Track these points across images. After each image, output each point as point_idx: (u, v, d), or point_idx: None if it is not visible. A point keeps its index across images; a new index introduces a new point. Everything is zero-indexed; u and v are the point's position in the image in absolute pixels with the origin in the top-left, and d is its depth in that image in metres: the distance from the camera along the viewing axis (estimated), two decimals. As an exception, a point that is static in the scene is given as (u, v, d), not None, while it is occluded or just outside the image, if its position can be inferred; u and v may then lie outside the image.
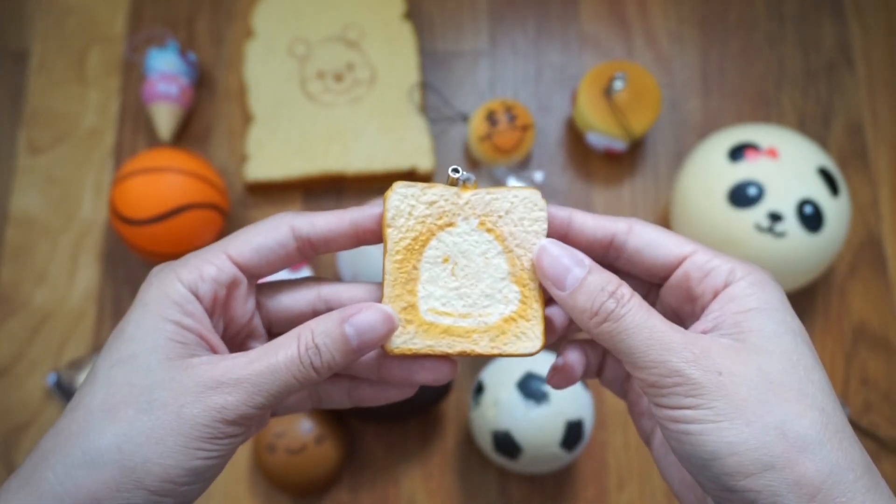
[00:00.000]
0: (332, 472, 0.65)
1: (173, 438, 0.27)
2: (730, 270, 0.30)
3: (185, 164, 0.68)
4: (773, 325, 0.28)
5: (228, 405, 0.28)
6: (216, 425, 0.28)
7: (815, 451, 0.26)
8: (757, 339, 0.28)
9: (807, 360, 0.28)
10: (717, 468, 0.26)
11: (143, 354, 0.28)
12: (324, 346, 0.29)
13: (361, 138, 0.75)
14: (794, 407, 0.26)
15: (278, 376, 0.28)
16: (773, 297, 0.29)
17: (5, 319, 0.72)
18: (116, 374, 0.28)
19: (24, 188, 0.76)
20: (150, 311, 0.29)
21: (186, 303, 0.29)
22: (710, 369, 0.27)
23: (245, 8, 0.81)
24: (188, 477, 0.27)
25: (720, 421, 0.26)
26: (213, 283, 0.30)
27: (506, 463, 0.62)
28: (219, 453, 0.28)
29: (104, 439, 0.27)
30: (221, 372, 0.28)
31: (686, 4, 0.83)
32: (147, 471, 0.27)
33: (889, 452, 0.70)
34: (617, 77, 0.71)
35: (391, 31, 0.79)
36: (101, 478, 0.27)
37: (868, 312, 0.74)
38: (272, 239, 0.32)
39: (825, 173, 0.65)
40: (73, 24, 0.80)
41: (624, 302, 0.29)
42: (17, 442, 0.68)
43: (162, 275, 0.30)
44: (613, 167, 0.78)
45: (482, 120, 0.73)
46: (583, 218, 0.32)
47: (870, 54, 0.82)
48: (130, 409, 0.27)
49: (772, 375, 0.27)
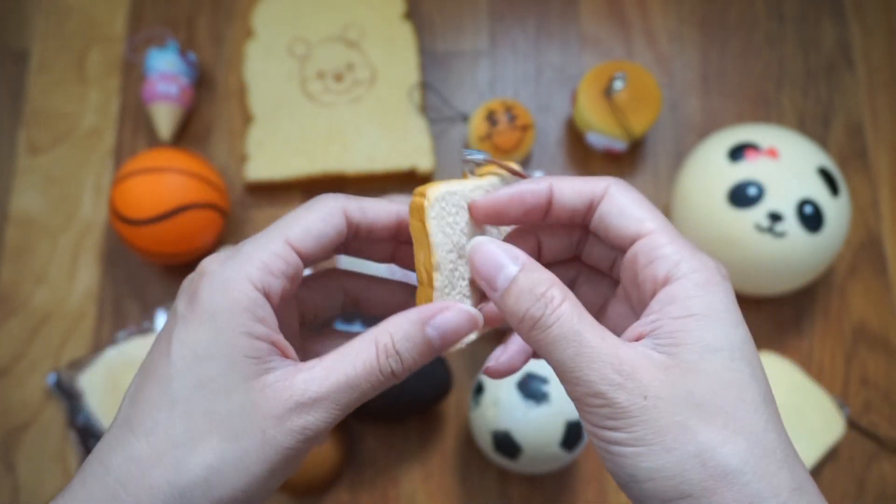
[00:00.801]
0: (332, 472, 0.65)
1: (259, 466, 0.27)
2: (675, 263, 0.28)
3: (185, 164, 0.68)
4: (710, 337, 0.27)
5: (310, 425, 0.27)
6: (298, 446, 0.27)
7: (734, 480, 0.25)
8: (690, 354, 0.26)
9: (741, 377, 0.26)
10: (636, 491, 0.26)
11: (221, 378, 0.27)
12: (406, 352, 0.28)
13: (361, 138, 0.75)
14: (718, 434, 0.25)
15: (357, 388, 0.28)
16: (715, 302, 0.27)
17: (5, 319, 0.72)
18: (197, 400, 0.27)
19: (24, 188, 0.76)
20: (222, 327, 0.27)
21: (257, 308, 0.28)
22: (635, 392, 0.26)
23: (245, 8, 0.81)
24: (267, 494, 0.28)
25: (640, 446, 0.25)
26: (282, 280, 0.29)
27: (506, 463, 0.62)
28: (292, 470, 0.28)
29: (192, 471, 0.26)
30: (300, 390, 0.27)
31: (686, 4, 0.83)
32: (233, 498, 0.27)
33: (889, 452, 0.70)
34: (617, 77, 0.71)
35: (391, 31, 0.79)
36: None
37: (868, 312, 0.74)
38: (331, 226, 0.30)
39: (825, 173, 0.65)
40: (73, 24, 0.80)
41: (553, 307, 0.27)
42: (17, 442, 0.68)
43: (227, 275, 0.28)
44: (613, 167, 0.78)
45: (482, 120, 0.73)
46: (560, 186, 0.30)
47: (870, 54, 0.82)
48: (214, 440, 0.27)
49: (699, 398, 0.26)
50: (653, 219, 0.29)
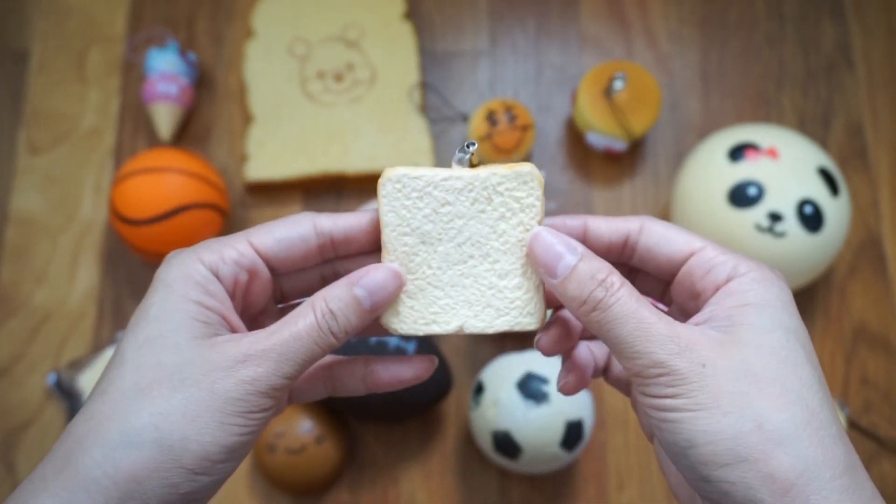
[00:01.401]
0: (332, 472, 0.65)
1: (209, 415, 0.28)
2: (733, 267, 0.30)
3: (185, 164, 0.68)
4: (766, 320, 0.28)
5: (259, 376, 0.28)
6: (249, 398, 0.28)
7: (790, 445, 0.25)
8: (746, 332, 0.28)
9: (797, 356, 0.28)
10: (693, 457, 0.27)
11: (170, 334, 0.29)
12: (339, 311, 0.30)
13: (361, 138, 0.75)
14: (775, 401, 0.26)
15: (301, 343, 0.29)
16: (771, 295, 0.29)
17: (5, 319, 0.72)
18: (145, 354, 0.28)
19: (24, 188, 0.76)
20: (173, 291, 0.29)
21: (208, 283, 0.30)
22: (693, 361, 0.27)
23: (245, 8, 0.81)
24: (224, 454, 0.28)
25: (698, 410, 0.26)
26: (234, 266, 0.31)
27: (506, 463, 0.62)
28: (251, 428, 0.29)
29: (140, 419, 0.27)
30: (247, 346, 0.29)
31: (686, 4, 0.83)
32: (185, 448, 0.27)
33: (889, 452, 0.70)
34: (617, 77, 0.71)
35: (391, 31, 0.79)
36: (140, 457, 0.27)
37: (868, 312, 0.74)
38: (294, 232, 0.32)
39: (825, 173, 0.65)
40: (73, 24, 0.80)
41: (613, 290, 0.29)
42: (17, 442, 0.68)
43: (182, 257, 0.30)
44: (613, 167, 0.78)
45: (482, 120, 0.73)
46: (596, 224, 0.32)
47: (870, 54, 0.82)
48: (164, 388, 0.28)
49: (755, 368, 0.27)
50: (696, 239, 0.31)
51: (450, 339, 0.71)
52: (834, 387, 0.71)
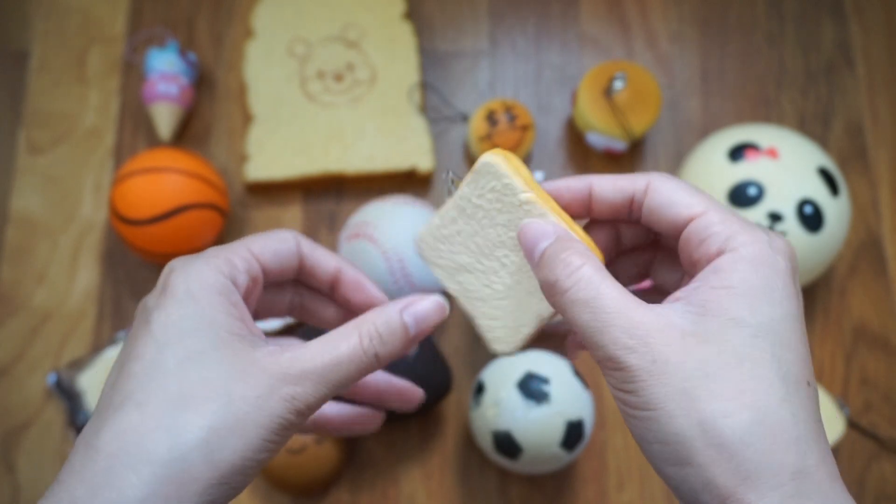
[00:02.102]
0: (332, 472, 0.65)
1: (255, 431, 0.27)
2: (726, 238, 0.28)
3: (185, 164, 0.68)
4: (738, 310, 0.26)
5: (298, 396, 0.28)
6: (288, 416, 0.28)
7: (734, 453, 0.25)
8: (712, 324, 0.26)
9: (759, 354, 0.26)
10: (647, 451, 0.27)
11: (211, 350, 0.28)
12: (386, 335, 0.30)
13: (361, 138, 0.75)
14: (725, 405, 0.25)
15: (342, 367, 0.29)
16: (756, 277, 0.27)
17: (5, 319, 0.72)
18: (188, 369, 0.28)
19: (24, 188, 0.76)
20: (204, 305, 0.29)
21: (230, 294, 0.30)
22: (645, 357, 0.26)
23: (245, 8, 0.81)
24: (256, 468, 0.28)
25: (647, 410, 0.26)
26: (246, 275, 0.31)
27: (506, 463, 0.62)
28: (280, 445, 0.29)
29: (192, 434, 0.27)
30: (287, 365, 0.29)
31: (686, 4, 0.83)
32: (232, 467, 0.27)
33: (889, 452, 0.70)
34: (617, 77, 0.71)
35: (391, 31, 0.79)
36: (193, 477, 0.26)
37: (868, 312, 0.74)
38: (284, 246, 0.33)
39: (825, 173, 0.65)
40: (73, 24, 0.80)
41: (570, 271, 0.27)
42: (17, 442, 0.68)
43: (197, 266, 0.30)
44: (613, 167, 0.78)
45: (482, 120, 0.73)
46: (601, 184, 0.32)
47: (870, 54, 0.82)
48: (212, 404, 0.27)
49: (711, 368, 0.26)
50: (700, 201, 0.29)
51: (450, 339, 0.71)
52: (834, 387, 0.72)
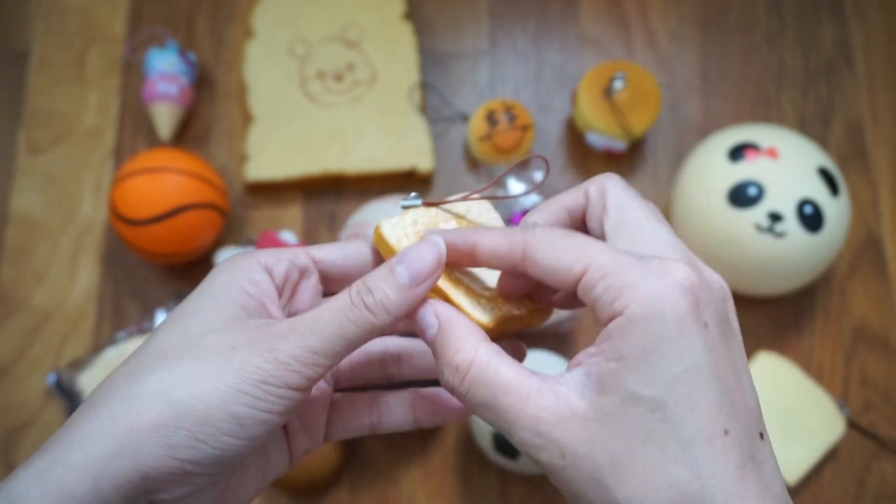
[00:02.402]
0: (332, 472, 0.65)
1: (220, 377, 0.26)
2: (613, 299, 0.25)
3: (185, 164, 0.68)
4: (632, 385, 0.25)
5: (281, 346, 0.27)
6: (266, 367, 0.27)
7: None
8: (611, 404, 0.25)
9: (663, 427, 0.25)
10: None
11: (202, 311, 0.29)
12: (374, 285, 0.28)
13: (361, 138, 0.75)
14: (636, 491, 0.25)
15: (332, 317, 0.28)
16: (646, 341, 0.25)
17: (5, 319, 0.72)
18: (174, 326, 0.29)
19: (24, 188, 0.76)
20: (217, 279, 0.30)
21: (255, 273, 0.30)
22: (554, 454, 0.26)
23: (245, 8, 0.81)
24: (230, 423, 0.26)
25: (571, 497, 0.26)
26: (287, 264, 0.31)
27: (506, 463, 0.62)
28: (266, 406, 0.27)
29: (150, 375, 0.27)
30: (274, 321, 0.29)
31: (686, 4, 0.83)
32: (189, 407, 0.26)
33: (889, 452, 0.70)
34: (617, 77, 0.71)
35: (391, 31, 0.79)
36: (141, 410, 0.26)
37: (868, 312, 0.74)
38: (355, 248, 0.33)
39: (825, 173, 0.65)
40: (73, 24, 0.80)
41: (461, 375, 0.28)
42: (17, 442, 0.68)
43: (238, 255, 0.31)
44: (613, 167, 0.78)
45: (482, 120, 0.73)
46: (482, 247, 0.29)
47: (870, 54, 0.82)
48: (181, 351, 0.27)
49: (617, 453, 0.25)
50: (579, 257, 0.27)
51: (450, 339, 0.71)
52: (834, 387, 0.72)
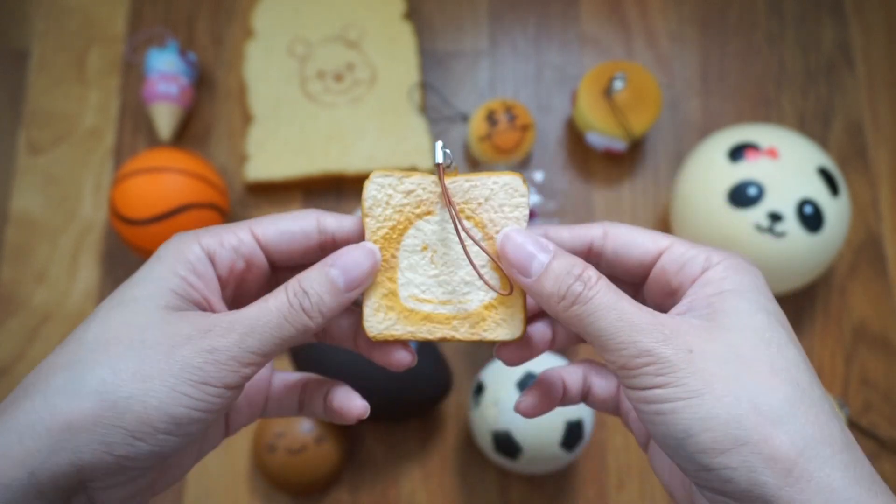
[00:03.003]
0: (332, 472, 0.65)
1: (160, 378, 0.27)
2: (706, 258, 0.30)
3: (185, 164, 0.68)
4: (746, 304, 0.28)
5: (220, 346, 0.27)
6: (206, 367, 0.27)
7: (788, 424, 0.25)
8: (729, 318, 0.28)
9: (780, 337, 0.27)
10: (691, 446, 0.26)
11: (143, 299, 0.28)
12: (310, 289, 0.29)
13: (361, 138, 0.75)
14: (767, 382, 0.26)
15: (270, 318, 0.28)
16: (747, 280, 0.29)
17: (5, 319, 0.72)
18: (113, 314, 0.28)
19: (24, 188, 0.76)
20: (161, 264, 0.29)
21: (199, 263, 0.30)
22: (680, 347, 0.27)
23: (245, 8, 0.81)
24: (167, 424, 0.27)
25: (691, 398, 0.26)
26: (231, 252, 0.31)
27: (506, 463, 0.62)
28: (204, 404, 0.27)
29: (90, 371, 0.26)
30: (214, 319, 0.28)
31: (686, 4, 0.83)
32: (128, 407, 0.26)
33: (889, 452, 0.70)
34: (617, 77, 0.71)
35: (391, 31, 0.79)
36: (80, 407, 0.26)
37: (868, 312, 0.74)
38: (297, 225, 0.32)
39: (825, 173, 0.65)
40: (73, 24, 0.80)
41: (591, 284, 0.28)
42: (17, 442, 0.68)
43: (183, 237, 0.30)
44: (613, 167, 0.78)
45: (482, 120, 0.73)
46: (557, 233, 0.32)
47: (870, 54, 0.82)
48: (121, 346, 0.27)
49: (742, 351, 0.27)
50: (662, 236, 0.31)
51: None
52: (834, 387, 0.71)
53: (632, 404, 0.28)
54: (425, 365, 0.63)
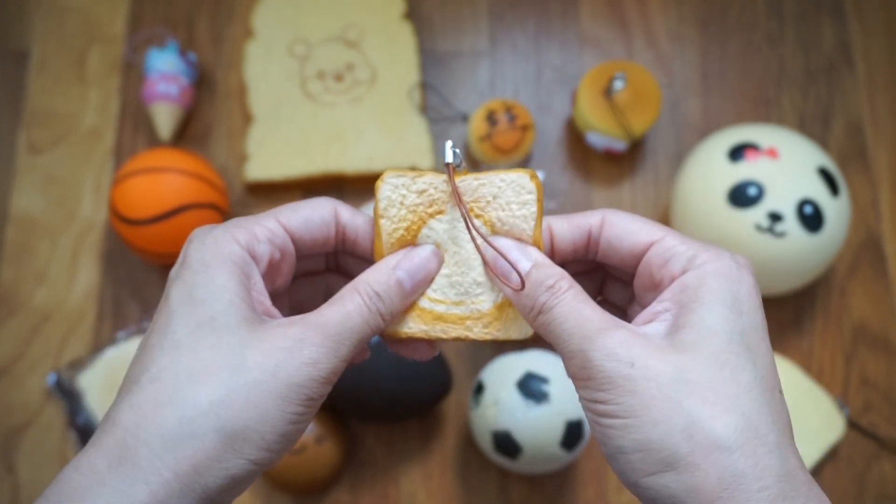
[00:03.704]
0: (332, 472, 0.65)
1: (271, 401, 0.26)
2: (691, 257, 0.28)
3: (185, 164, 0.68)
4: (713, 320, 0.27)
5: (321, 358, 0.27)
6: (310, 384, 0.27)
7: (719, 456, 0.25)
8: (688, 335, 0.27)
9: (737, 360, 0.26)
10: (623, 462, 0.26)
11: (222, 317, 0.27)
12: (384, 293, 0.30)
13: (361, 138, 0.75)
14: (708, 409, 0.25)
15: (354, 323, 0.29)
16: (724, 290, 0.28)
17: (5, 319, 0.72)
18: (199, 338, 0.27)
19: (24, 188, 0.76)
20: (216, 273, 0.28)
21: (246, 265, 0.29)
22: (622, 361, 0.26)
23: (245, 8, 0.81)
24: (281, 443, 0.27)
25: (628, 418, 0.26)
26: (268, 245, 0.30)
27: (506, 463, 0.62)
28: (307, 416, 0.28)
29: (200, 405, 0.26)
30: (302, 328, 0.28)
31: (686, 4, 0.83)
32: (246, 438, 0.26)
33: (889, 452, 0.70)
34: (617, 77, 0.71)
35: (391, 31, 0.79)
36: (202, 447, 0.26)
37: (868, 312, 0.74)
38: (318, 214, 0.31)
39: (825, 173, 0.65)
40: (73, 24, 0.80)
41: (559, 293, 0.28)
42: (17, 442, 0.68)
43: (216, 235, 0.29)
44: (613, 167, 0.78)
45: (482, 120, 0.73)
46: (558, 224, 0.32)
47: (870, 54, 0.82)
48: (223, 371, 0.26)
49: (691, 375, 0.26)
50: (658, 228, 0.30)
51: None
52: (834, 387, 0.72)
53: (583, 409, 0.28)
54: (425, 365, 0.63)
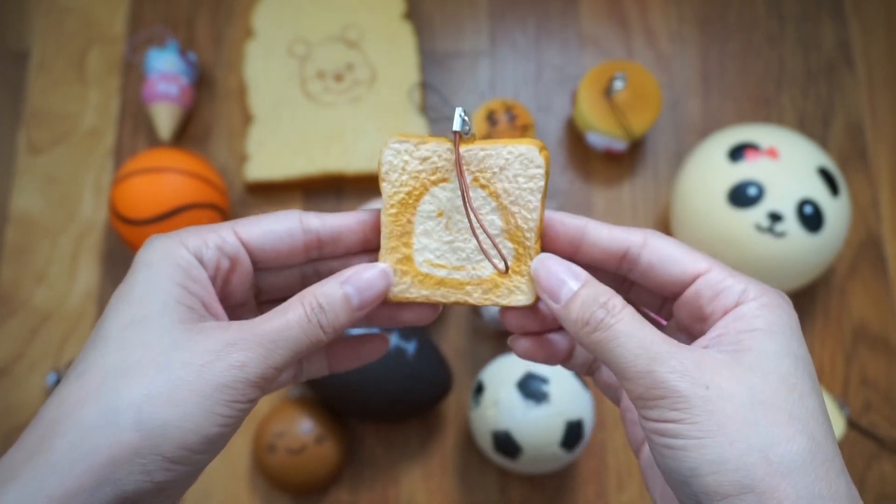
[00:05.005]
0: (332, 472, 0.65)
1: (194, 400, 0.26)
2: (742, 291, 0.29)
3: (185, 164, 0.68)
4: (775, 346, 0.27)
5: (249, 362, 0.27)
6: (237, 385, 0.27)
7: (797, 478, 0.25)
8: (755, 358, 0.27)
9: (804, 385, 0.27)
10: (696, 485, 0.26)
11: (156, 316, 0.28)
12: (327, 306, 0.29)
13: (361, 138, 0.75)
14: (783, 431, 0.25)
15: (291, 333, 0.29)
16: (780, 321, 0.28)
17: (5, 319, 0.72)
18: (130, 335, 0.27)
19: (24, 188, 0.76)
20: (157, 273, 0.29)
21: (191, 268, 0.29)
22: (697, 382, 0.26)
23: (245, 8, 0.81)
24: (203, 444, 0.27)
25: (703, 437, 0.25)
26: (216, 252, 0.30)
27: (506, 463, 0.62)
28: (233, 420, 0.28)
29: (123, 399, 0.26)
30: (236, 332, 0.28)
31: (686, 4, 0.83)
32: (165, 435, 0.26)
33: (889, 452, 0.70)
34: (617, 77, 0.71)
35: (391, 31, 0.79)
36: (119, 440, 0.25)
37: (868, 312, 0.74)
38: (280, 225, 0.32)
39: (825, 173, 0.65)
40: (73, 24, 0.80)
41: (615, 311, 0.28)
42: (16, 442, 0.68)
43: (165, 239, 0.30)
44: (613, 167, 0.78)
45: (482, 120, 0.73)
46: (597, 229, 0.32)
47: (870, 54, 0.82)
48: (149, 369, 0.26)
49: (763, 396, 0.26)
50: (704, 258, 0.30)
51: (450, 340, 0.71)
52: (834, 387, 0.72)
53: (644, 434, 0.28)
54: (425, 365, 0.63)
